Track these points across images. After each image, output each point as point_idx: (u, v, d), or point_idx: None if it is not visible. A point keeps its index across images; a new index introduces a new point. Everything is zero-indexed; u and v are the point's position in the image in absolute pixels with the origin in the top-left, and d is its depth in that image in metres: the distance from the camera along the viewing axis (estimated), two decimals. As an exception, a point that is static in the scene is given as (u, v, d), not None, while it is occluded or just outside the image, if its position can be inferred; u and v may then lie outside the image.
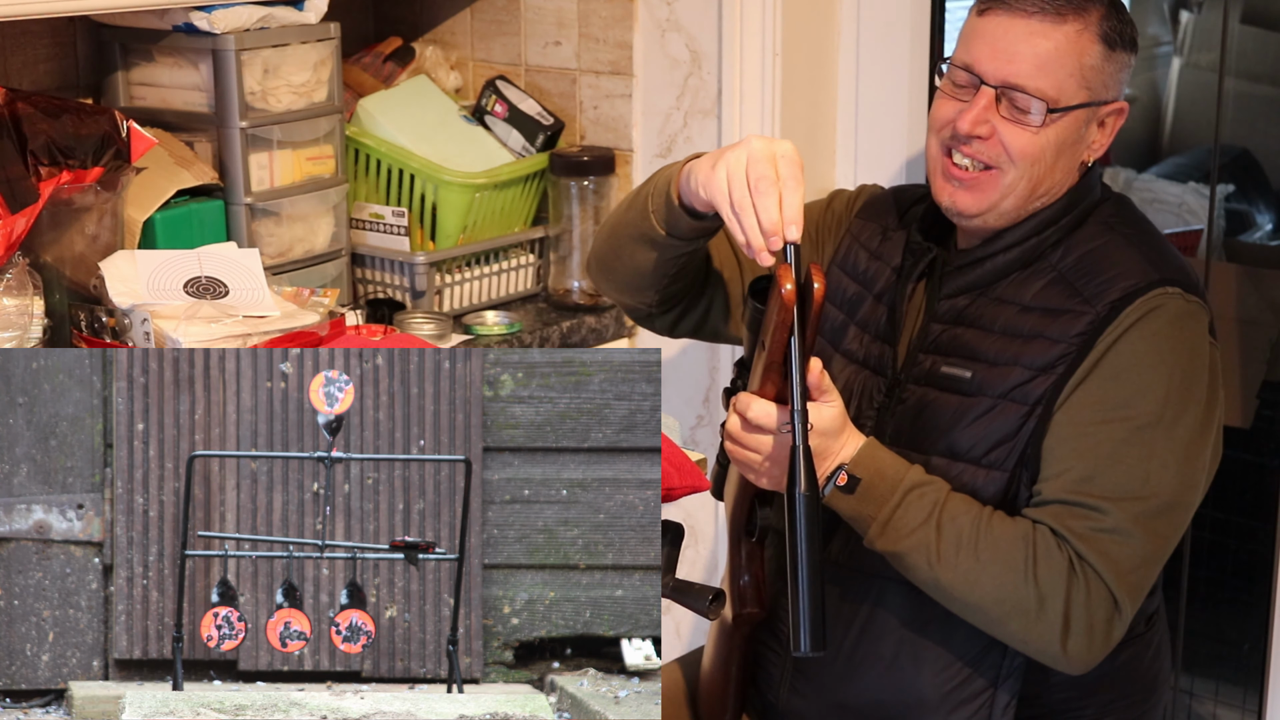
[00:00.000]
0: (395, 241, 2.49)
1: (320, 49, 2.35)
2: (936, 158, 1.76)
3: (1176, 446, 1.65)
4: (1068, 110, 1.70)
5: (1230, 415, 3.26)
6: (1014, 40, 1.69)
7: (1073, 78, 1.69)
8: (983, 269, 1.75)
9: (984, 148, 1.71)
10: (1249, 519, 3.31)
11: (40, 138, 2.01)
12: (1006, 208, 1.73)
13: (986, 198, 1.73)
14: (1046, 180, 1.73)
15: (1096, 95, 1.72)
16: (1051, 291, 1.71)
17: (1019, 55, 1.69)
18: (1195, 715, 3.12)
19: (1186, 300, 1.70)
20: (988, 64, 1.70)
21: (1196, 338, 1.69)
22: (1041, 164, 1.71)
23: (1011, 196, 1.73)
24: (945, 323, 1.76)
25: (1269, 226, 4.16)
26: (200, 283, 2.06)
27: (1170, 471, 1.64)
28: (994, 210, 1.73)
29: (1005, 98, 1.70)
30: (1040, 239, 1.74)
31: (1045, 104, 1.68)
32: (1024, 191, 1.72)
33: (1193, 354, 1.68)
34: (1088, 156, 1.75)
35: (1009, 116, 1.70)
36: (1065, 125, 1.71)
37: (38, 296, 2.01)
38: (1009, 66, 1.69)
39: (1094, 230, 1.75)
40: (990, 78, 1.70)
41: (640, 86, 2.55)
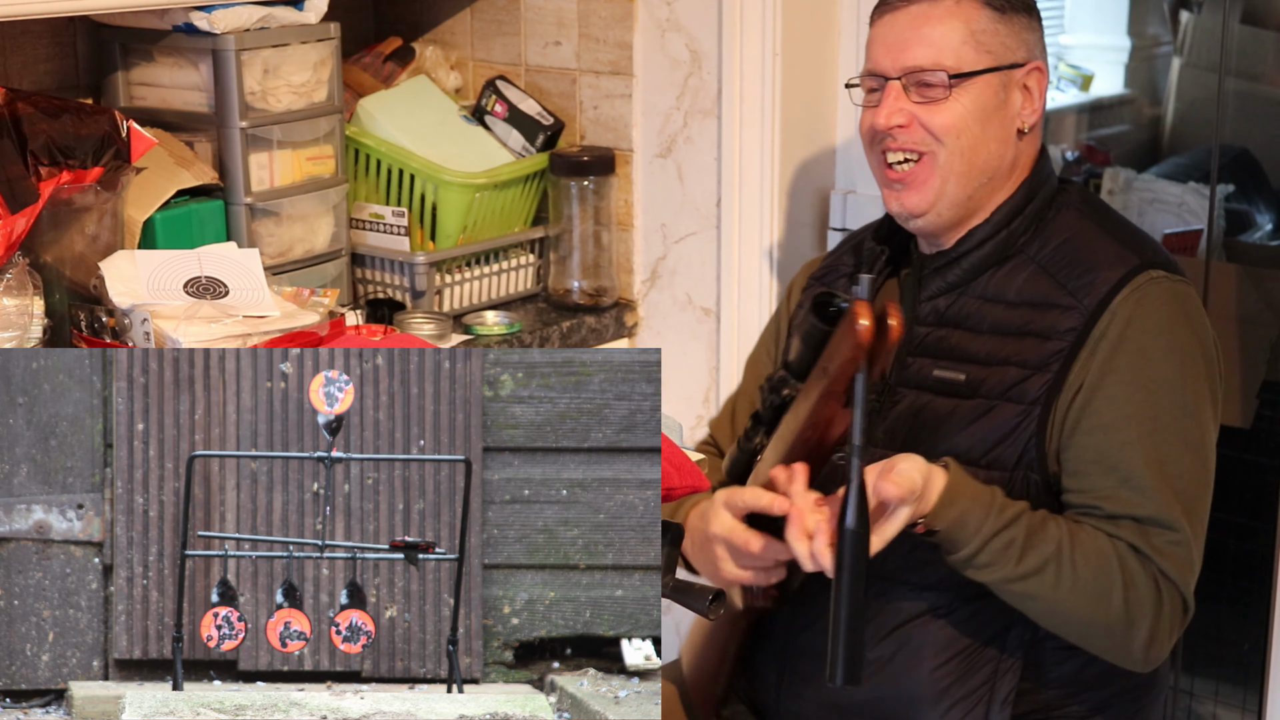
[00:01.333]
0: (395, 241, 2.49)
1: (320, 49, 2.35)
2: (876, 169, 1.81)
3: (1205, 431, 1.70)
4: (971, 75, 1.74)
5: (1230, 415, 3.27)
6: (901, 31, 1.76)
7: (966, 45, 1.74)
8: (959, 267, 1.78)
9: (908, 136, 1.76)
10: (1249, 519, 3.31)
11: (40, 138, 2.01)
12: (953, 194, 1.76)
13: (929, 186, 1.76)
14: (981, 152, 1.75)
15: (1001, 59, 1.76)
16: (1035, 284, 1.73)
17: (908, 42, 1.76)
18: (1195, 715, 3.12)
19: (1172, 280, 1.74)
20: (884, 60, 1.77)
21: (1194, 315, 1.73)
22: (967, 134, 1.74)
23: (952, 179, 1.75)
24: (929, 325, 1.78)
25: (1269, 226, 4.16)
26: (200, 283, 2.06)
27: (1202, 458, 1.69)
28: (942, 199, 1.76)
29: (910, 84, 1.75)
30: (1010, 230, 1.76)
31: (945, 73, 1.73)
32: (962, 169, 1.75)
33: (1195, 332, 1.72)
34: (1021, 124, 1.78)
35: (919, 99, 1.75)
36: (978, 92, 1.75)
37: (38, 296, 2.01)
38: (903, 54, 1.76)
39: (1067, 218, 1.78)
40: (891, 71, 1.77)
41: (640, 86, 2.55)
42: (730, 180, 2.47)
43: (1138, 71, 4.84)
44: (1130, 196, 4.10)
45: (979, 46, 1.75)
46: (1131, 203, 4.09)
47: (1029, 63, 1.78)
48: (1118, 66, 4.87)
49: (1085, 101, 4.79)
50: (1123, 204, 4.10)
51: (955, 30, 1.75)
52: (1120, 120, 4.84)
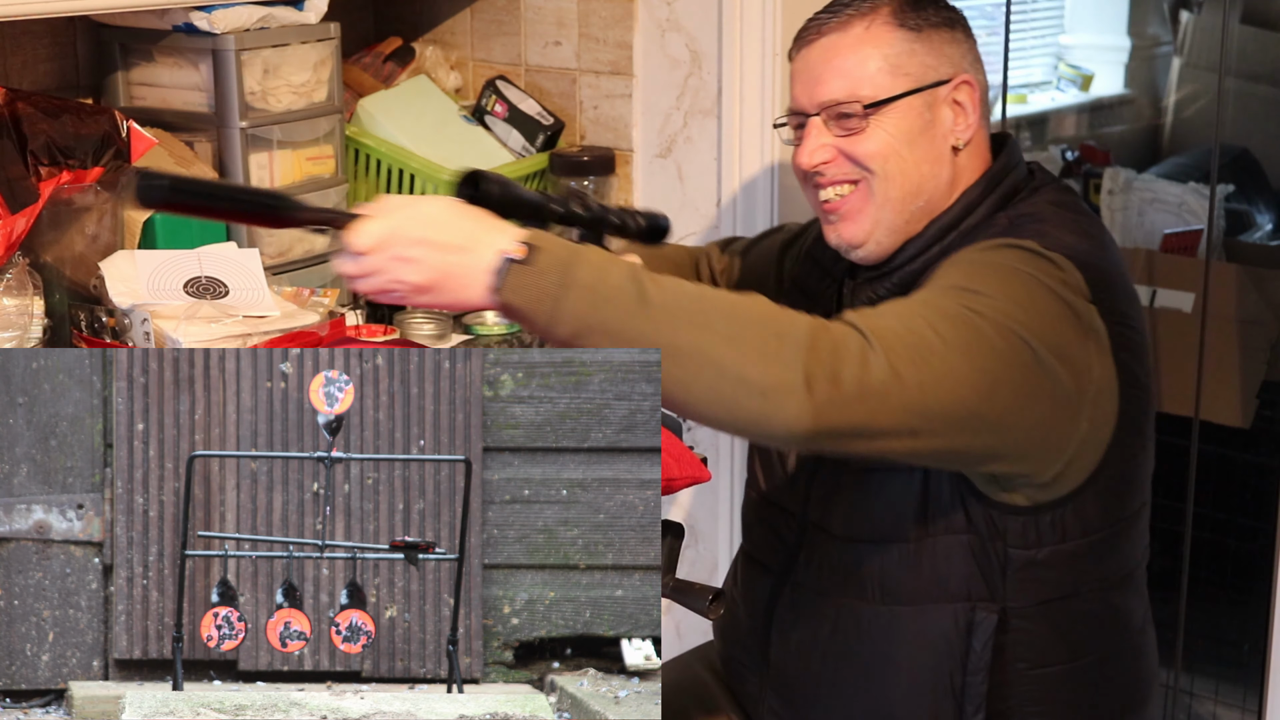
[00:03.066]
0: (395, 241, 2.49)
1: (320, 49, 2.35)
2: (813, 204, 1.78)
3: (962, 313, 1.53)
4: (888, 102, 1.70)
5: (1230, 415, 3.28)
6: (814, 66, 1.73)
7: (881, 71, 1.70)
8: (889, 281, 1.73)
9: (836, 170, 1.72)
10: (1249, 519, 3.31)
11: (40, 138, 2.01)
12: (889, 219, 1.72)
13: (864, 217, 1.72)
14: (913, 175, 1.71)
15: (921, 80, 1.71)
16: None
17: (822, 76, 1.72)
18: (1195, 715, 3.12)
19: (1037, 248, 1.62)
20: (803, 97, 1.74)
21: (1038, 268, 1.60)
22: (896, 159, 1.70)
23: (888, 206, 1.71)
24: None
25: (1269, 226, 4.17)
26: (200, 283, 2.06)
27: (949, 324, 1.51)
28: (879, 226, 1.72)
29: (830, 118, 1.71)
30: (943, 245, 1.70)
31: (862, 103, 1.69)
32: (897, 196, 1.71)
33: (1003, 264, 1.60)
34: (955, 140, 1.73)
35: (841, 131, 1.71)
36: (899, 116, 1.70)
37: (38, 296, 2.01)
38: (818, 89, 1.72)
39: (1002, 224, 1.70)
40: (809, 108, 1.73)
41: (640, 86, 2.55)
42: (730, 180, 2.47)
43: (1138, 71, 4.85)
44: (1130, 196, 4.10)
45: (895, 70, 1.70)
46: (1131, 203, 4.10)
47: (954, 77, 1.72)
48: (1118, 66, 4.88)
49: (1085, 101, 4.79)
50: (1123, 204, 4.11)
51: (868, 58, 1.70)
52: (1120, 120, 4.84)
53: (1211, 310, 3.07)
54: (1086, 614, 1.71)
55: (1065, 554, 1.67)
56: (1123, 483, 1.69)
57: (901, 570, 1.69)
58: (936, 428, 1.50)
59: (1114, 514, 1.69)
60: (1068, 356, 1.57)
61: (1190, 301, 3.42)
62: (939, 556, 1.67)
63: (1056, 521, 1.65)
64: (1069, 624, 1.69)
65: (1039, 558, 1.66)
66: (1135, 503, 1.72)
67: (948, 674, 1.69)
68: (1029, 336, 1.53)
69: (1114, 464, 1.66)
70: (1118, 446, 1.65)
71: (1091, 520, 1.66)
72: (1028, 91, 4.72)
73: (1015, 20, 4.70)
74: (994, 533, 1.65)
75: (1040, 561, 1.66)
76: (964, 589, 1.67)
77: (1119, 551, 1.72)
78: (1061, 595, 1.68)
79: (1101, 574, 1.70)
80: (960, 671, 1.68)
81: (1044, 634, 1.69)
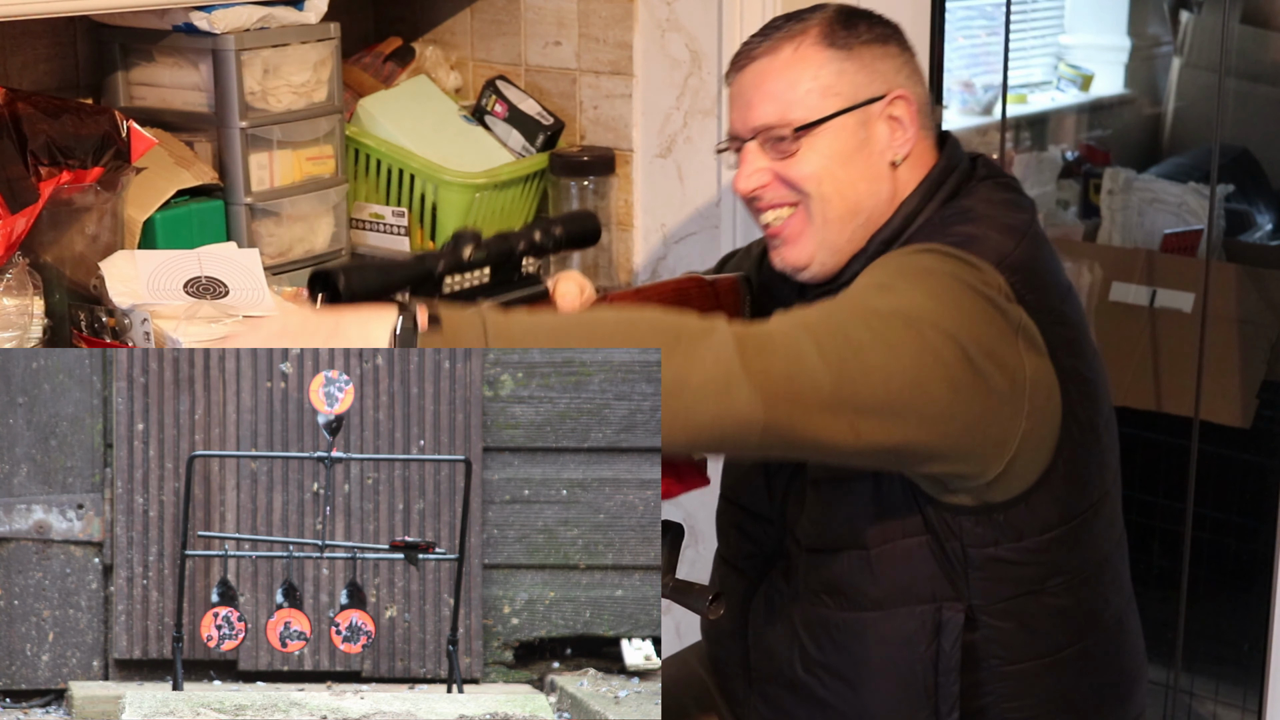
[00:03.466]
0: (395, 241, 2.49)
1: (320, 49, 2.35)
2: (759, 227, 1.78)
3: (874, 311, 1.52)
4: (819, 123, 1.69)
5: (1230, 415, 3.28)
6: (746, 91, 1.73)
7: (811, 93, 1.69)
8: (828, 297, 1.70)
9: (774, 193, 1.72)
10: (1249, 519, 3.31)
11: (40, 138, 2.01)
12: (832, 239, 1.71)
13: (808, 237, 1.72)
14: (850, 194, 1.70)
15: (853, 98, 1.70)
16: None
17: (754, 100, 1.72)
18: (1195, 715, 3.12)
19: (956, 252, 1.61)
20: (738, 123, 1.75)
21: (939, 263, 1.60)
22: (832, 180, 1.70)
23: (828, 226, 1.71)
24: None
25: (1269, 226, 4.17)
26: (200, 283, 2.06)
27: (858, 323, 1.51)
28: (822, 247, 1.72)
29: (764, 142, 1.72)
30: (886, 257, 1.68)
31: (792, 126, 1.69)
32: (836, 216, 1.71)
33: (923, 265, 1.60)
34: (893, 156, 1.72)
35: (775, 155, 1.71)
36: (833, 136, 1.70)
37: (38, 296, 2.01)
38: (751, 114, 1.72)
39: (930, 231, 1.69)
40: (744, 133, 1.73)
41: (640, 86, 2.55)
42: (730, 180, 2.47)
43: (1138, 71, 4.85)
44: (1130, 196, 4.10)
45: (825, 91, 1.69)
46: (1131, 203, 4.10)
47: (888, 93, 1.71)
48: (1118, 66, 4.87)
49: (1085, 101, 4.79)
50: (1123, 204, 4.11)
51: (797, 80, 1.70)
52: (1120, 120, 4.84)
53: (1211, 310, 3.07)
54: (1056, 609, 1.70)
55: (1026, 550, 1.66)
56: (1077, 478, 1.68)
57: (864, 577, 1.69)
58: (872, 422, 1.49)
59: (1071, 509, 1.68)
60: (995, 354, 1.56)
61: (1190, 301, 3.42)
62: (899, 560, 1.68)
63: (1011, 520, 1.65)
64: (1038, 619, 1.69)
65: (1000, 555, 1.66)
66: (1093, 495, 1.71)
67: (920, 676, 1.69)
68: (955, 332, 1.53)
69: (1065, 461, 1.65)
70: (1067, 443, 1.65)
71: (1048, 517, 1.66)
72: (1028, 91, 4.72)
73: (1015, 20, 4.70)
74: (950, 533, 1.65)
75: (1002, 559, 1.66)
76: (929, 590, 1.67)
77: (1083, 545, 1.71)
78: (1027, 591, 1.68)
79: (1067, 568, 1.70)
80: (932, 672, 1.68)
81: (1014, 631, 1.68)
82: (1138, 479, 3.27)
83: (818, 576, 1.73)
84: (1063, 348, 1.63)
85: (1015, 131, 4.45)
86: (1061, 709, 1.73)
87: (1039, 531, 1.66)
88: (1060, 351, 1.63)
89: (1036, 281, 1.64)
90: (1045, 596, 1.69)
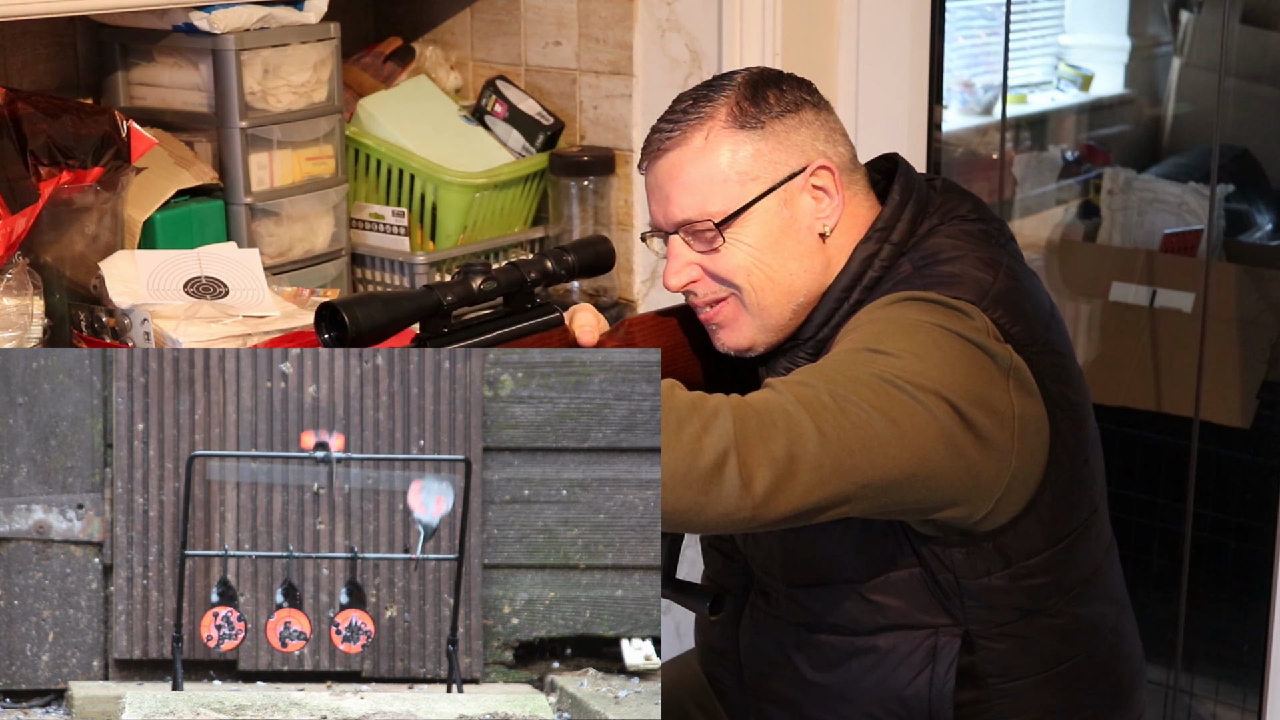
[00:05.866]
0: (395, 241, 2.49)
1: (320, 49, 2.35)
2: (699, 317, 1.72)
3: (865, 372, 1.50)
4: (741, 212, 1.64)
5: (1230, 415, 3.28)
6: (662, 182, 1.67)
7: (728, 182, 1.63)
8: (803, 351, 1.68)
9: (705, 288, 1.67)
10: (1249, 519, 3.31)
11: (40, 138, 2.01)
12: (770, 322, 1.67)
13: (741, 324, 1.68)
14: (783, 274, 1.65)
15: (774, 178, 1.64)
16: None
17: (670, 194, 1.66)
18: (1195, 715, 3.12)
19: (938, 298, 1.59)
20: (658, 215, 1.69)
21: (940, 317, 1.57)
22: (761, 268, 1.65)
23: (764, 311, 1.66)
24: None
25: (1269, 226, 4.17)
26: (200, 283, 2.06)
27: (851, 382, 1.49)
28: (761, 330, 1.67)
29: (687, 235, 1.66)
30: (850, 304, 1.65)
31: (712, 220, 1.63)
32: (771, 300, 1.66)
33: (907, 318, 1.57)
34: (822, 228, 1.66)
35: (701, 248, 1.66)
36: (757, 223, 1.64)
37: (38, 296, 2.01)
38: (669, 207, 1.66)
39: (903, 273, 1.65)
40: (665, 226, 1.68)
41: (640, 86, 2.55)
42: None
43: (1138, 71, 4.84)
44: (1130, 196, 4.10)
45: (743, 176, 1.63)
46: (1131, 203, 4.09)
47: (808, 165, 1.65)
48: (1118, 66, 4.87)
49: (1085, 101, 4.78)
50: (1123, 204, 4.10)
51: (711, 170, 1.63)
52: (1120, 120, 4.83)
53: (1211, 310, 3.07)
54: (1052, 628, 1.69)
55: (1018, 576, 1.65)
56: (1065, 501, 1.66)
57: (854, 605, 1.68)
58: (869, 494, 1.48)
59: (1061, 531, 1.67)
60: (986, 402, 1.54)
61: (1190, 301, 3.42)
62: (890, 591, 1.66)
63: (1001, 548, 1.63)
64: (1035, 639, 1.68)
65: (993, 584, 1.64)
66: (1082, 514, 1.70)
67: (916, 696, 1.68)
68: (947, 393, 1.51)
69: (1052, 487, 1.64)
70: (1054, 469, 1.63)
71: (1036, 541, 1.64)
72: (1028, 91, 4.72)
73: (1015, 20, 4.70)
74: (941, 566, 1.64)
75: (995, 587, 1.64)
76: (924, 617, 1.66)
77: (1076, 563, 1.70)
78: (1023, 614, 1.67)
79: (1059, 588, 1.68)
80: (928, 693, 1.67)
81: (1011, 650, 1.67)
82: (1138, 479, 3.27)
83: (804, 610, 1.72)
84: (1050, 375, 1.61)
85: (1015, 131, 4.45)
86: (1063, 718, 1.73)
87: (1028, 556, 1.64)
88: (1048, 379, 1.61)
89: (1019, 312, 1.61)
90: (1042, 617, 1.68)
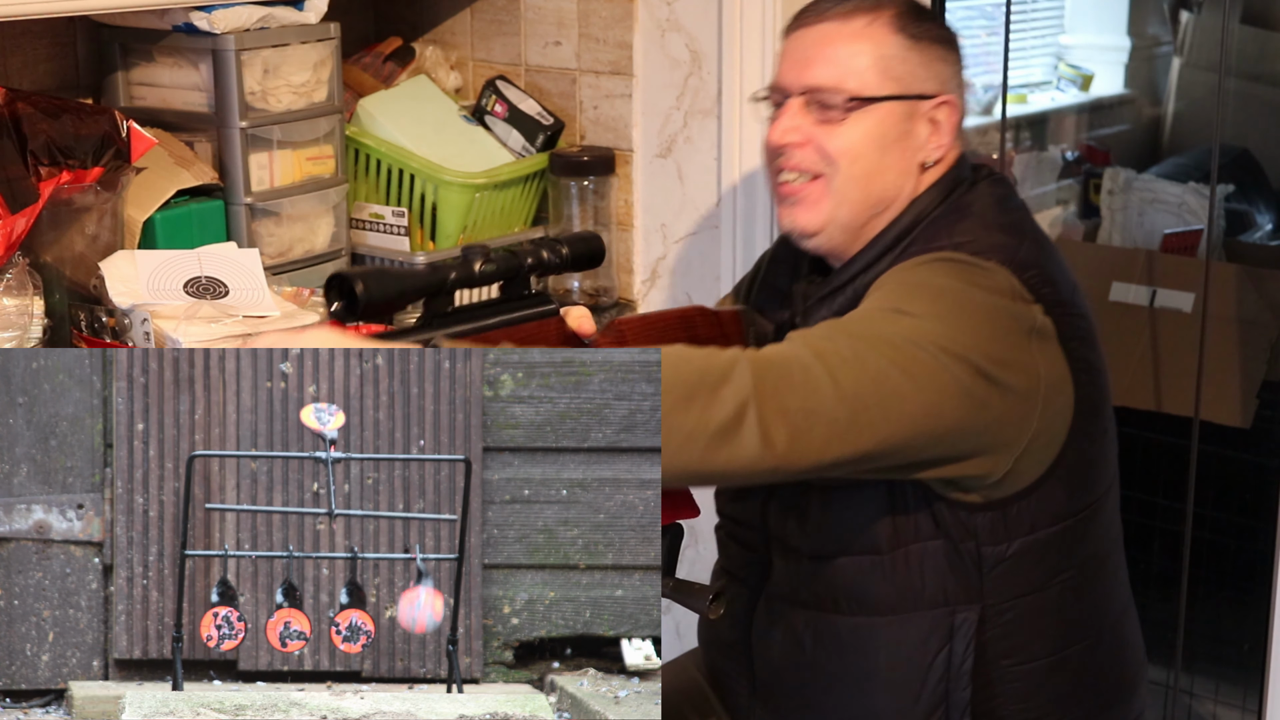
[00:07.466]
0: (395, 241, 2.49)
1: (320, 49, 2.35)
2: (771, 184, 1.76)
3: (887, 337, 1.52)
4: (873, 101, 1.68)
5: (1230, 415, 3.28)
6: (808, 47, 1.71)
7: (872, 69, 1.68)
8: (844, 296, 1.70)
9: (803, 157, 1.70)
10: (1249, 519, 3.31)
11: (40, 138, 2.01)
12: (844, 218, 1.70)
13: (820, 208, 1.70)
14: (878, 182, 1.70)
15: (908, 88, 1.70)
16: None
17: (813, 59, 1.70)
18: (1195, 715, 3.12)
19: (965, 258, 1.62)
20: (788, 75, 1.72)
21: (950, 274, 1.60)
22: (864, 162, 1.69)
23: (846, 205, 1.70)
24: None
25: (1269, 226, 4.17)
26: (200, 283, 2.06)
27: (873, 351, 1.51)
28: (833, 223, 1.70)
29: (811, 102, 1.70)
30: (894, 254, 1.68)
31: (845, 95, 1.68)
32: (857, 198, 1.69)
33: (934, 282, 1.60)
34: (925, 158, 1.72)
35: (819, 119, 1.69)
36: (880, 119, 1.69)
37: (38, 296, 2.01)
38: (806, 71, 1.70)
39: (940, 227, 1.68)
40: (792, 87, 1.71)
41: (640, 86, 2.55)
42: (730, 180, 2.47)
43: (1138, 71, 4.85)
44: (1130, 196, 4.10)
45: (885, 72, 1.68)
46: (1131, 203, 4.10)
47: (939, 95, 1.71)
48: (1118, 66, 4.87)
49: (1085, 101, 4.79)
50: (1123, 204, 4.11)
51: (862, 52, 1.69)
52: (1120, 120, 4.84)
53: (1211, 310, 3.06)
54: (1063, 605, 1.71)
55: (1036, 545, 1.67)
56: (1087, 467, 1.69)
57: (875, 581, 1.69)
58: (891, 450, 1.50)
59: (1080, 500, 1.69)
60: (1011, 362, 1.56)
61: (1190, 301, 3.42)
62: (912, 564, 1.67)
63: (1024, 512, 1.65)
64: (1048, 617, 1.70)
65: (1010, 552, 1.66)
66: (1101, 485, 1.72)
67: (931, 680, 1.69)
68: (968, 354, 1.53)
69: (1075, 450, 1.66)
70: (1077, 433, 1.65)
71: (1059, 508, 1.67)
72: (1028, 91, 4.72)
73: (1015, 20, 4.70)
74: (965, 533, 1.65)
75: (1012, 556, 1.66)
76: (940, 595, 1.67)
77: (1089, 537, 1.72)
78: (1037, 588, 1.68)
79: (1074, 562, 1.70)
80: (944, 676, 1.68)
81: (1024, 630, 1.69)
82: (1138, 479, 3.27)
83: (823, 582, 1.72)
84: (1076, 337, 1.64)
85: (1015, 131, 4.45)
86: (1067, 709, 1.73)
87: (1049, 523, 1.66)
88: (1074, 341, 1.63)
89: (1046, 278, 1.64)
90: (1054, 592, 1.69)
